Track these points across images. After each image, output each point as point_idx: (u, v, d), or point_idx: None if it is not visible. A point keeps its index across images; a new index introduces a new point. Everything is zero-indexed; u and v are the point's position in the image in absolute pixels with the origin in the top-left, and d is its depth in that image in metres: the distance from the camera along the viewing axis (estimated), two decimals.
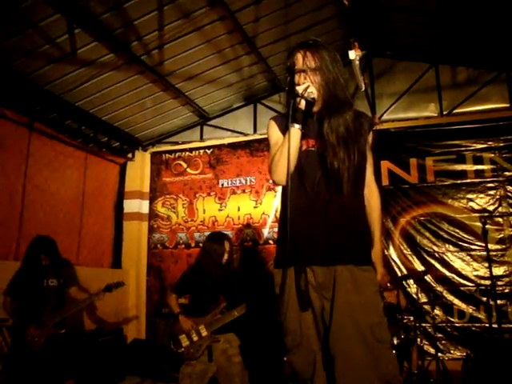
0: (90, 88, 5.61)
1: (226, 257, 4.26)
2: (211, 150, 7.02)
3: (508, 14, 4.99)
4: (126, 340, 6.33)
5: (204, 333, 3.98)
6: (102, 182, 6.74)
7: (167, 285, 6.60)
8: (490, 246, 5.47)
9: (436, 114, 6.19)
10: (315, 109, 2.08)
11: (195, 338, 3.97)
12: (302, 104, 1.95)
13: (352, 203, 2.03)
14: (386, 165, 6.12)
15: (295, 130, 1.94)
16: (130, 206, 7.00)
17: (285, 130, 2.05)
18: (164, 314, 6.10)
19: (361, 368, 1.84)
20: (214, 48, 5.69)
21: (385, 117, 6.35)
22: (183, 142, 7.20)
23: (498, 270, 5.40)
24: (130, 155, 7.17)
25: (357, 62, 4.75)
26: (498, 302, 5.17)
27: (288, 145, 1.91)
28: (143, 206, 7.05)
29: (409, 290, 5.38)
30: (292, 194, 1.97)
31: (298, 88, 1.97)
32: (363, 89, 5.44)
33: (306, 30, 5.73)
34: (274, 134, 2.18)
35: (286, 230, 1.93)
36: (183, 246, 6.76)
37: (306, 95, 1.94)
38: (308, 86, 1.96)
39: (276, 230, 6.27)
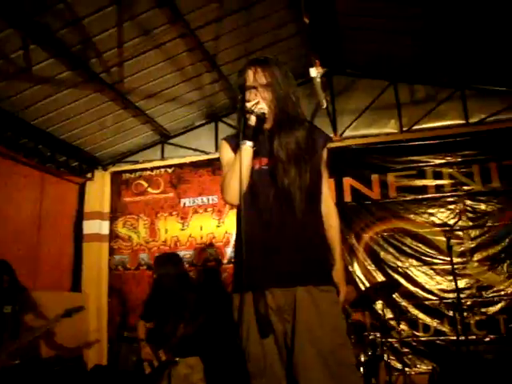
0: (47, 106, 5.45)
1: (180, 275, 4.21)
2: (172, 168, 6.91)
3: (461, 34, 5.15)
4: (87, 366, 6.08)
5: (163, 357, 3.87)
6: (60, 203, 6.52)
7: (129, 308, 6.41)
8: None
9: (396, 131, 6.29)
10: (267, 126, 2.07)
11: (156, 364, 3.86)
12: (253, 120, 1.93)
13: (308, 222, 1.98)
14: (348, 181, 6.16)
15: (246, 147, 1.92)
16: (90, 227, 6.79)
17: (236, 149, 2.02)
18: (126, 337, 5.90)
19: None
20: (174, 66, 5.63)
21: (346, 134, 6.40)
22: (144, 161, 7.07)
23: (461, 283, 5.43)
24: (89, 175, 6.98)
25: (318, 80, 4.80)
26: (462, 314, 5.26)
27: (239, 163, 1.87)
28: (103, 227, 6.84)
29: (374, 306, 5.36)
30: (245, 215, 1.93)
31: (247, 104, 1.97)
32: (324, 106, 5.50)
33: (267, 47, 5.75)
34: (225, 154, 2.15)
35: (241, 253, 1.88)
36: (145, 267, 6.58)
37: (255, 110, 1.93)
38: (258, 102, 1.95)
39: None
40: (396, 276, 5.77)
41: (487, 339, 5.30)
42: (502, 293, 5.42)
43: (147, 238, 6.69)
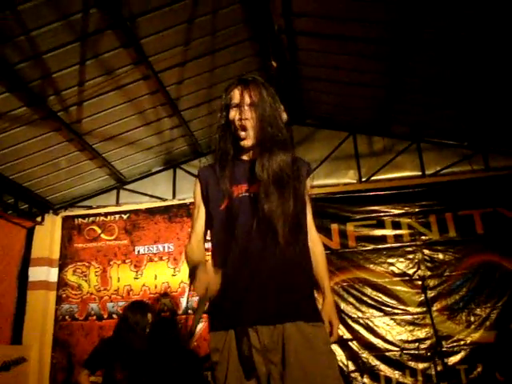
0: None
1: (148, 330, 3.95)
2: (127, 215, 6.68)
3: (417, 89, 5.36)
4: None
5: None
6: (6, 248, 6.09)
7: (75, 361, 5.96)
8: (411, 310, 5.56)
9: (355, 181, 6.36)
10: (248, 145, 1.99)
11: None
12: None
13: (293, 253, 1.85)
14: None
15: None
16: (37, 273, 6.36)
17: (208, 184, 2.00)
18: None
19: None
20: (135, 108, 5.54)
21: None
22: (98, 206, 6.81)
23: (421, 333, 5.40)
24: (39, 219, 6.61)
25: None
26: (422, 365, 5.19)
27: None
28: (51, 274, 6.43)
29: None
30: (223, 246, 1.85)
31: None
32: None
33: None
34: (197, 195, 2.10)
35: (221, 286, 1.71)
36: (95, 317, 6.18)
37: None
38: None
39: (196, 299, 5.98)
40: (357, 327, 5.65)
41: None
42: (462, 342, 5.38)
43: (98, 286, 6.33)
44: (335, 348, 5.45)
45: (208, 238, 2.07)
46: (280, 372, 1.72)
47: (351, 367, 5.34)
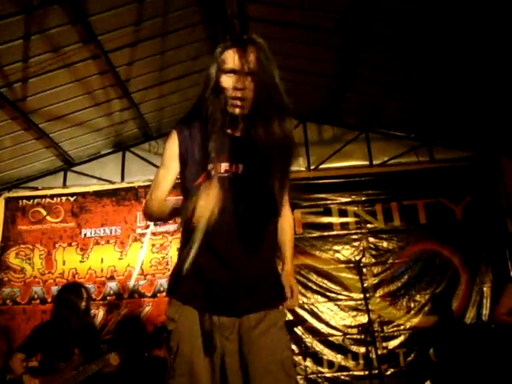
0: None
1: (83, 306, 3.91)
2: (74, 197, 6.53)
3: (367, 80, 5.47)
4: None
5: None
6: None
7: (16, 347, 5.81)
8: (355, 296, 5.70)
9: (304, 169, 6.45)
10: (241, 120, 1.77)
11: None
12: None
13: (271, 243, 1.85)
14: None
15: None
16: None
17: (185, 141, 1.80)
18: (8, 381, 5.31)
19: None
20: (83, 88, 5.41)
21: None
22: (44, 188, 6.62)
23: (364, 318, 5.55)
24: None
25: None
26: (364, 349, 5.34)
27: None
28: None
29: None
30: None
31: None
32: None
33: (182, 78, 5.73)
34: (167, 156, 1.84)
35: (191, 267, 1.61)
36: (38, 301, 6.04)
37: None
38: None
39: (142, 283, 5.96)
40: (301, 312, 5.78)
41: (388, 373, 5.40)
42: (402, 327, 5.59)
43: (43, 269, 6.18)
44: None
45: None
46: (235, 348, 1.73)
47: (295, 350, 5.43)
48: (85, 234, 6.36)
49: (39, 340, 3.78)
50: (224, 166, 1.75)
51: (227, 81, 1.73)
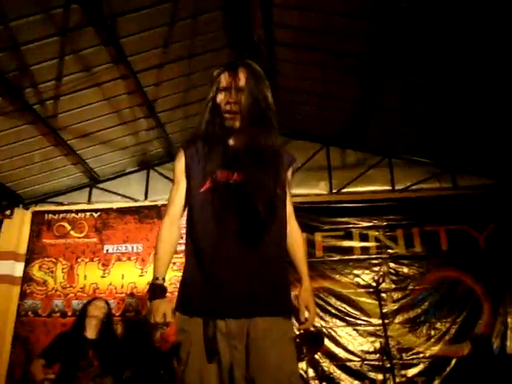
0: None
1: (101, 316, 3.99)
2: (98, 213, 6.66)
3: (388, 106, 5.50)
4: None
5: None
6: None
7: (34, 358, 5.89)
8: (374, 321, 5.64)
9: (326, 192, 6.47)
10: (235, 131, 1.98)
11: None
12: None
13: (274, 247, 1.89)
14: None
15: None
16: (1, 267, 6.26)
17: (191, 159, 1.98)
18: None
19: None
20: (112, 107, 5.57)
21: None
22: (69, 203, 6.77)
23: (382, 345, 5.47)
24: (8, 212, 6.54)
25: None
26: (382, 376, 5.25)
27: None
28: (17, 269, 6.34)
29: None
30: (201, 232, 1.87)
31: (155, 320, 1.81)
32: None
33: None
34: (177, 172, 2.06)
35: (193, 273, 1.82)
36: (58, 314, 6.12)
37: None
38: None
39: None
40: None
41: None
42: (421, 355, 5.49)
43: (64, 283, 6.28)
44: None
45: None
46: (243, 359, 1.74)
47: (311, 374, 5.38)
48: (107, 250, 6.45)
49: (60, 348, 3.84)
50: (223, 174, 1.91)
51: (220, 97, 1.97)
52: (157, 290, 1.87)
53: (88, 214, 6.67)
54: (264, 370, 1.71)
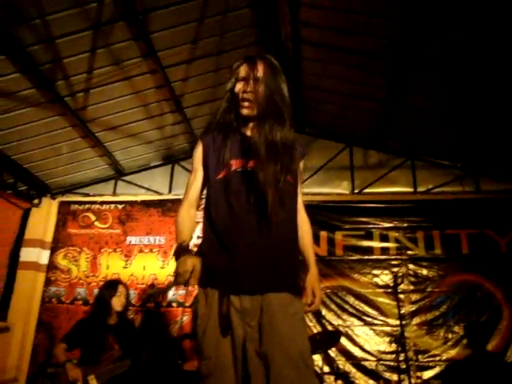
0: (2, 122, 5.26)
1: (122, 300, 4.07)
2: (123, 205, 6.80)
3: (412, 107, 5.51)
4: None
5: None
6: (1, 225, 6.24)
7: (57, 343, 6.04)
8: (391, 321, 5.65)
9: (348, 192, 6.50)
10: (250, 119, 2.08)
11: None
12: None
13: (285, 230, 1.98)
14: None
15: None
16: (28, 254, 6.47)
17: (208, 148, 2.10)
18: (48, 374, 5.53)
19: None
20: (139, 101, 5.67)
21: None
22: (94, 195, 6.94)
23: (399, 346, 5.47)
24: (36, 201, 6.72)
25: None
26: (397, 377, 5.26)
27: None
28: (43, 256, 6.53)
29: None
30: (217, 215, 1.97)
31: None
32: None
33: None
34: (196, 160, 2.18)
35: (211, 252, 1.93)
36: (81, 301, 6.29)
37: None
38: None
39: (181, 292, 6.09)
40: None
41: None
42: (437, 358, 5.49)
43: (87, 272, 6.44)
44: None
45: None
46: (256, 334, 1.84)
47: (326, 369, 5.42)
48: (130, 241, 6.59)
49: (81, 333, 3.94)
50: (238, 162, 2.03)
51: (238, 87, 2.08)
52: (184, 248, 1.97)
53: (112, 205, 6.82)
54: (276, 344, 1.80)
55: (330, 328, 5.79)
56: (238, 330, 1.86)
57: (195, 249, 2.07)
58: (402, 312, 5.65)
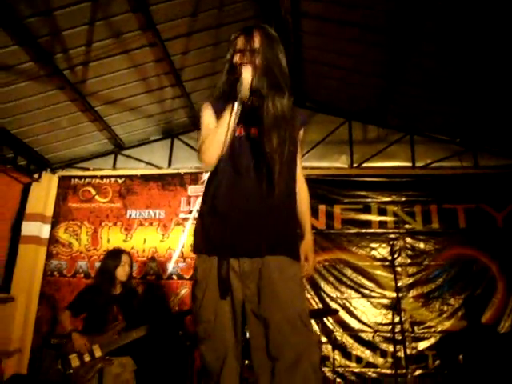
0: (0, 96, 5.23)
1: (126, 269, 4.09)
2: (123, 179, 6.84)
3: (412, 82, 5.50)
4: (3, 375, 5.74)
5: (98, 353, 3.72)
6: (2, 200, 6.28)
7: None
8: (388, 294, 5.75)
9: (347, 166, 6.53)
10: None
11: (87, 359, 3.69)
12: (247, 84, 1.96)
13: (285, 196, 2.01)
14: None
15: (237, 108, 1.92)
16: (29, 228, 6.53)
17: (219, 113, 2.04)
18: (52, 345, 5.63)
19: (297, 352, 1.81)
20: (139, 74, 5.65)
21: None
22: (94, 169, 6.96)
23: (395, 317, 5.58)
24: (36, 175, 6.75)
25: None
26: (393, 348, 5.36)
27: (229, 121, 1.90)
28: (44, 230, 6.60)
29: None
30: (222, 180, 1.98)
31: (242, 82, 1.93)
32: None
33: None
34: (207, 117, 2.13)
35: (211, 216, 1.95)
36: (82, 275, 6.37)
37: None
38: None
39: (181, 265, 6.17)
40: (334, 306, 5.85)
41: (416, 373, 5.43)
42: (433, 329, 5.61)
43: (88, 245, 6.51)
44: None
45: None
46: (255, 297, 1.90)
47: (323, 340, 5.53)
48: (130, 215, 6.64)
49: (86, 300, 3.98)
50: (241, 129, 2.06)
51: (236, 58, 2.08)
52: None
53: (113, 179, 6.85)
54: (275, 306, 1.85)
55: (327, 300, 5.88)
56: (238, 293, 1.91)
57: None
58: (398, 285, 5.73)
